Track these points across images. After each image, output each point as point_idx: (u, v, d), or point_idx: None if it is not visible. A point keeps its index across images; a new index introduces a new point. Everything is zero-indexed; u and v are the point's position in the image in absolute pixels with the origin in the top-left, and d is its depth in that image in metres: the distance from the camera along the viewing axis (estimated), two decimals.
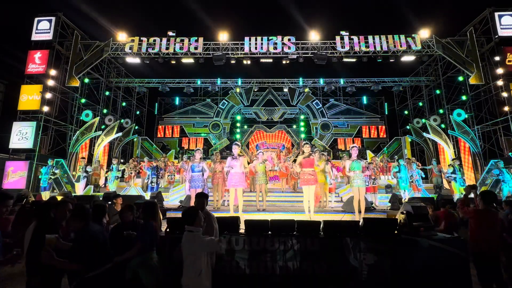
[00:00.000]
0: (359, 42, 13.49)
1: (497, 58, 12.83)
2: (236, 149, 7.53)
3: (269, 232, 4.41)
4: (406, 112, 19.22)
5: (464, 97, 14.53)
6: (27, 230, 2.96)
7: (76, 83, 13.83)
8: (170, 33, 13.68)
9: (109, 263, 2.92)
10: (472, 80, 13.14)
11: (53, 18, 13.47)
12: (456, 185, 10.65)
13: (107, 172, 12.41)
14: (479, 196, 3.77)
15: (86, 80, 15.63)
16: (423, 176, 10.80)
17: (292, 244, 4.34)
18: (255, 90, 19.44)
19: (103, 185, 12.77)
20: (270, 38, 13.72)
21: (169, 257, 4.16)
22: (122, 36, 13.74)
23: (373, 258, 4.21)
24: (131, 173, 12.70)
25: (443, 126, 15.38)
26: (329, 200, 9.43)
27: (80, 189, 11.42)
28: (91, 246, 2.77)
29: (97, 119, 14.59)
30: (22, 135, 12.38)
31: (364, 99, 20.48)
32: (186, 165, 9.84)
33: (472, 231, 3.63)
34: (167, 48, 13.58)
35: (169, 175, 12.52)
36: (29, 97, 12.78)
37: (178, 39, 13.71)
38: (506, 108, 12.36)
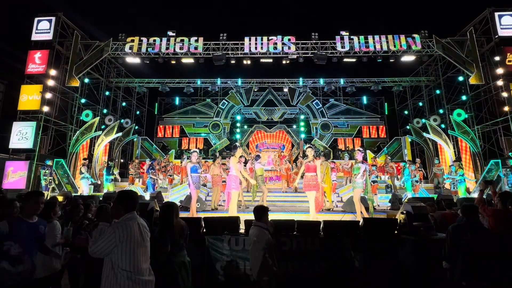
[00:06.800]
0: (359, 42, 13.49)
1: (497, 58, 12.81)
2: (239, 151, 7.50)
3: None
4: (406, 112, 19.21)
5: (464, 97, 14.51)
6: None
7: (76, 83, 13.82)
8: (170, 33, 13.67)
9: None
10: (472, 80, 13.14)
11: (53, 18, 13.45)
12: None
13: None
14: (498, 197, 3.80)
15: (86, 80, 15.62)
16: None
17: (292, 244, 4.34)
18: (255, 90, 19.43)
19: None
20: (270, 38, 13.71)
21: None
22: (122, 36, 13.73)
23: (373, 258, 4.21)
24: (131, 174, 12.75)
25: (443, 126, 15.38)
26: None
27: (85, 189, 11.33)
28: None
29: (97, 119, 14.58)
30: (22, 135, 12.37)
31: (364, 99, 20.47)
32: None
33: (492, 229, 3.70)
34: (167, 48, 13.57)
35: (169, 175, 12.57)
36: (29, 97, 12.77)
37: (178, 39, 13.70)
38: (506, 108, 12.34)
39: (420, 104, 18.21)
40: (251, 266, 3.30)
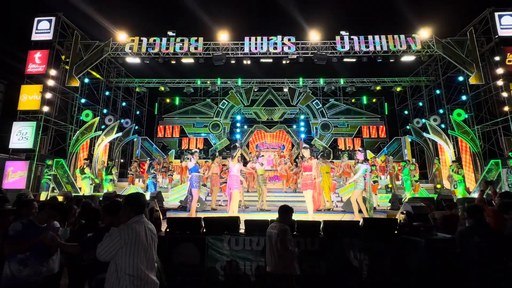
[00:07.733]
0: (359, 42, 13.48)
1: (497, 58, 12.81)
2: (239, 152, 7.56)
3: None
4: (406, 112, 19.21)
5: (464, 97, 14.51)
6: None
7: (76, 83, 13.82)
8: (170, 33, 13.67)
9: None
10: (472, 80, 13.13)
11: (53, 18, 13.45)
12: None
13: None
14: (498, 197, 3.80)
15: (86, 80, 15.62)
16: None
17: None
18: (255, 90, 19.43)
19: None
20: (270, 38, 13.71)
21: (169, 256, 4.16)
22: (122, 36, 13.71)
23: (373, 258, 4.21)
24: (132, 174, 12.75)
25: (443, 126, 15.37)
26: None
27: (87, 189, 11.34)
28: None
29: (97, 119, 14.58)
30: (22, 135, 12.36)
31: (364, 99, 20.47)
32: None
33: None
34: (167, 48, 13.57)
35: (170, 175, 12.59)
36: (29, 97, 12.77)
37: (178, 39, 13.70)
38: (506, 108, 12.34)
39: (420, 104, 18.20)
40: (271, 261, 3.30)
